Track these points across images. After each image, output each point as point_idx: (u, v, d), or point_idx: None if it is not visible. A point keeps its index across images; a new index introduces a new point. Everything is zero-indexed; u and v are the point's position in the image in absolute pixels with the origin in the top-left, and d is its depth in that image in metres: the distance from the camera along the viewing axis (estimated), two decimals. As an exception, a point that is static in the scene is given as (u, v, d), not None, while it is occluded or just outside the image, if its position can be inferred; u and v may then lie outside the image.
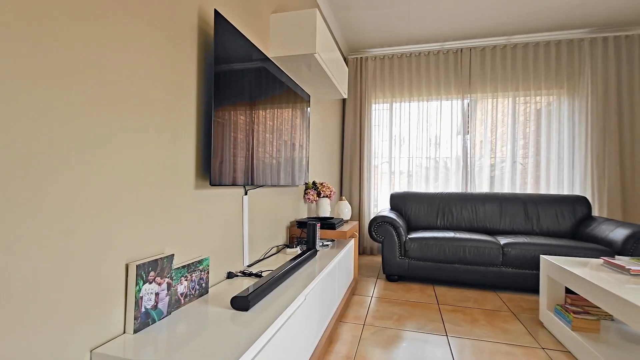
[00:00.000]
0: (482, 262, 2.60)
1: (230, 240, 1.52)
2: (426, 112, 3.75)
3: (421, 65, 3.75)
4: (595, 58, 3.31)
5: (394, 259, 2.78)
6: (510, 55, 3.52)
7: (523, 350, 1.69)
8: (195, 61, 1.25)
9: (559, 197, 3.07)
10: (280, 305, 1.15)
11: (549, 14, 3.03)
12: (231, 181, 1.38)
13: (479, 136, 3.63)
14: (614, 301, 1.37)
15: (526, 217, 3.05)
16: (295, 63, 2.01)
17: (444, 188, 3.71)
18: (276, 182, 1.84)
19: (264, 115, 1.73)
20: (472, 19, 3.13)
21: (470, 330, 1.92)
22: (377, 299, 2.41)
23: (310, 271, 1.60)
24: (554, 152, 3.42)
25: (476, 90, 3.61)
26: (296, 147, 2.21)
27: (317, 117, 2.91)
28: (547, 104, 3.47)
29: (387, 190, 3.87)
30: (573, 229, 2.94)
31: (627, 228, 2.39)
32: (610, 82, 3.25)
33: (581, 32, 3.34)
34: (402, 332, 1.87)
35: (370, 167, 3.86)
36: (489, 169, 3.59)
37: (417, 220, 3.30)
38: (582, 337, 1.63)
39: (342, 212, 2.61)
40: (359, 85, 3.90)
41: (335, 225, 2.20)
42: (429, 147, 3.74)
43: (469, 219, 3.18)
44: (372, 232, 2.86)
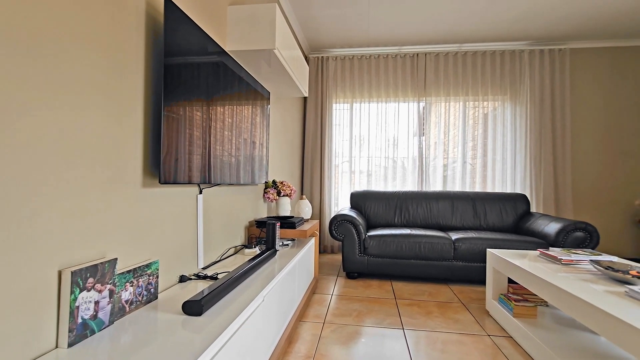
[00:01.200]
0: (435, 257, 2.73)
1: (183, 242, 1.43)
2: (385, 113, 3.87)
3: (380, 68, 3.85)
4: (533, 68, 3.63)
5: (354, 256, 2.83)
6: (462, 62, 3.74)
7: (472, 338, 1.80)
8: (142, 50, 1.16)
9: (503, 195, 3.33)
10: (236, 308, 1.11)
11: (494, 25, 3.26)
12: (185, 179, 1.31)
13: (433, 138, 3.82)
14: (548, 288, 1.51)
15: (475, 214, 3.27)
16: (254, 58, 1.96)
17: (401, 187, 3.85)
18: (235, 181, 1.78)
19: (223, 112, 1.66)
20: (427, 25, 3.28)
21: (425, 322, 2.00)
22: (337, 296, 2.43)
23: (270, 271, 1.57)
24: (499, 154, 3.70)
25: (431, 94, 3.79)
26: (256, 145, 2.16)
27: (277, 115, 2.87)
28: (493, 109, 3.75)
29: (348, 189, 3.93)
30: (515, 224, 3.21)
31: (558, 222, 2.65)
32: (546, 91, 3.59)
33: (521, 44, 3.65)
34: (362, 328, 1.91)
35: (331, 166, 3.89)
36: (442, 169, 3.79)
37: (376, 218, 3.39)
38: (522, 322, 1.77)
39: (302, 211, 2.60)
40: (320, 84, 3.91)
41: (296, 224, 2.18)
42: (387, 147, 3.86)
43: (424, 216, 3.33)
44: (332, 231, 2.88)
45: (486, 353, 1.65)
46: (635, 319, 1.08)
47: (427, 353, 1.64)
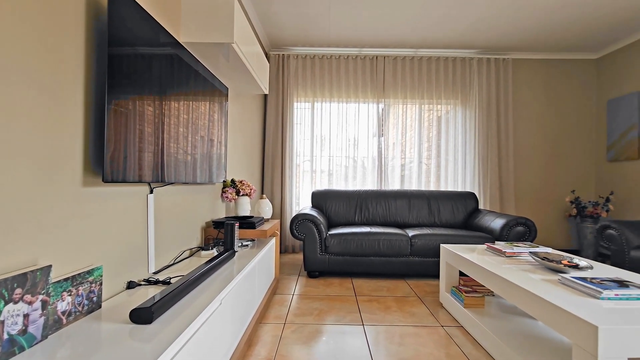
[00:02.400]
0: (394, 254, 2.82)
1: (132, 245, 1.33)
2: (345, 113, 3.92)
3: (341, 68, 3.90)
4: (481, 75, 3.90)
5: (315, 255, 2.83)
6: (417, 66, 3.92)
7: (427, 330, 1.88)
8: (82, 37, 1.05)
9: (454, 194, 3.53)
10: (191, 314, 1.05)
11: (447, 34, 3.45)
12: (135, 178, 1.21)
13: (392, 138, 3.95)
14: (494, 279, 1.62)
15: (430, 211, 3.43)
16: (211, 52, 1.88)
17: (361, 186, 3.93)
18: (191, 180, 1.70)
19: (177, 108, 1.57)
20: (386, 30, 3.38)
21: (383, 317, 2.06)
22: (298, 296, 2.42)
23: (228, 273, 1.51)
24: (451, 154, 3.93)
25: (389, 96, 3.91)
26: (214, 143, 2.07)
27: (236, 112, 2.78)
28: (445, 112, 3.96)
29: (309, 188, 3.93)
30: (465, 220, 3.42)
31: (503, 218, 2.88)
32: (492, 97, 3.88)
33: (471, 52, 3.91)
34: (323, 327, 1.91)
35: (292, 165, 3.87)
36: (400, 169, 3.93)
37: (337, 216, 3.43)
38: (471, 312, 1.89)
39: (262, 211, 2.55)
40: (281, 82, 3.87)
41: (256, 224, 2.13)
42: (348, 147, 3.92)
43: (383, 214, 3.44)
44: (293, 230, 2.86)
45: (440, 343, 1.73)
46: (566, 303, 1.19)
47: (386, 347, 1.68)
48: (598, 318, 1.07)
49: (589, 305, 1.17)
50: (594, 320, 1.05)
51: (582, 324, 1.07)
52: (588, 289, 1.29)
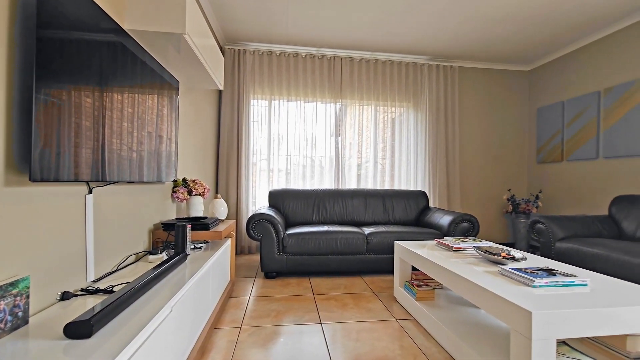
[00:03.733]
0: (350, 252, 2.88)
1: (67, 252, 1.20)
2: (303, 112, 3.92)
3: (299, 67, 3.89)
4: (431, 80, 4.13)
5: (273, 255, 2.79)
6: (373, 69, 4.03)
7: (382, 324, 1.95)
8: (5, 17, 0.92)
9: (407, 192, 3.70)
10: (138, 323, 0.97)
11: (400, 39, 3.60)
12: (70, 176, 1.09)
13: (348, 138, 4.02)
14: (442, 272, 1.73)
15: (384, 210, 3.56)
16: (160, 42, 1.76)
17: (319, 185, 3.96)
18: (137, 179, 1.57)
19: (121, 101, 1.44)
20: (343, 31, 3.43)
21: (341, 314, 2.09)
22: (255, 298, 2.36)
23: (179, 278, 1.42)
24: (404, 155, 4.11)
25: (346, 97, 3.99)
26: (163, 140, 1.94)
27: (189, 107, 2.64)
28: (399, 114, 4.14)
29: (266, 187, 3.87)
30: (417, 217, 3.60)
31: (450, 215, 3.08)
32: (440, 101, 4.12)
33: (422, 58, 4.12)
34: (281, 328, 1.89)
35: (248, 164, 3.77)
36: (356, 168, 4.03)
37: (295, 216, 3.42)
38: (423, 305, 1.99)
39: (217, 211, 2.45)
40: (236, 78, 3.75)
41: (209, 225, 2.03)
42: (306, 146, 3.92)
43: (340, 213, 3.49)
44: (250, 231, 2.79)
45: (394, 336, 1.80)
46: (504, 292, 1.31)
47: (343, 343, 1.71)
48: (531, 304, 1.18)
49: (523, 293, 1.29)
50: (528, 306, 1.15)
51: (518, 310, 1.17)
52: (523, 278, 1.42)
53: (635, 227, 2.63)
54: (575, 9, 2.97)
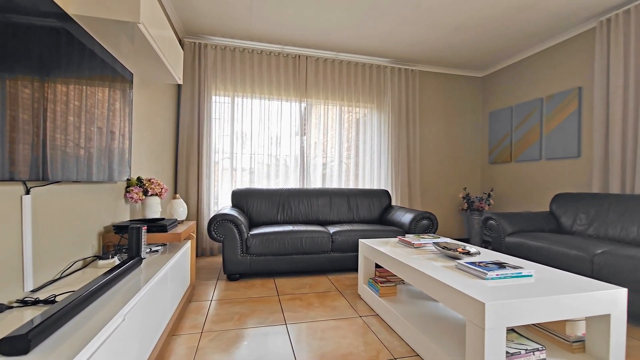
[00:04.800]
0: (316, 251, 2.89)
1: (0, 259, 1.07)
2: (268, 111, 3.86)
3: (263, 64, 3.82)
4: (393, 83, 4.26)
5: (236, 257, 2.72)
6: (338, 69, 4.07)
7: (347, 322, 1.97)
8: None
9: (371, 191, 3.79)
10: (85, 335, 0.89)
11: (364, 41, 3.67)
12: (5, 175, 0.97)
13: (314, 138, 4.03)
14: (403, 268, 1.78)
15: (349, 208, 3.61)
16: (112, 31, 1.63)
17: (284, 184, 3.92)
18: (84, 178, 1.44)
19: (66, 93, 1.32)
20: (308, 30, 3.43)
21: (306, 314, 2.08)
22: (217, 301, 2.28)
23: (133, 284, 1.33)
24: (368, 155, 4.20)
25: (311, 96, 3.99)
26: (115, 136, 1.81)
27: (144, 102, 2.48)
28: (363, 115, 4.22)
29: (229, 186, 3.75)
30: (380, 215, 3.69)
31: (411, 213, 3.19)
32: (402, 103, 4.27)
33: (385, 60, 4.24)
34: (244, 331, 1.84)
35: (210, 163, 3.64)
36: (321, 167, 4.04)
37: (259, 216, 3.35)
38: (386, 301, 2.05)
39: (176, 212, 2.33)
40: (197, 72, 3.59)
41: (167, 227, 1.93)
42: (270, 145, 3.86)
43: (305, 212, 3.48)
44: (212, 232, 2.69)
45: (358, 333, 1.83)
46: (460, 285, 1.38)
47: (308, 343, 1.70)
48: (484, 296, 1.25)
49: (477, 286, 1.37)
50: (481, 298, 1.23)
51: (472, 302, 1.24)
52: (477, 271, 1.51)
53: (572, 221, 2.90)
54: (522, 21, 3.21)
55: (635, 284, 1.91)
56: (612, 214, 2.62)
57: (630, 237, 2.45)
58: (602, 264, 2.10)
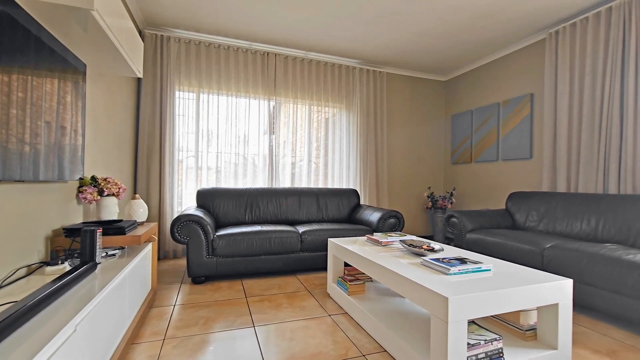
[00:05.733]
0: (285, 251, 2.86)
1: None
2: (235, 108, 3.76)
3: (230, 60, 3.72)
4: (362, 84, 4.33)
5: (201, 259, 2.62)
6: (307, 68, 4.06)
7: (316, 321, 1.97)
8: None
9: (340, 190, 3.82)
10: (29, 349, 0.81)
11: (333, 41, 3.69)
12: None
13: (282, 137, 3.99)
14: (371, 266, 1.81)
15: (318, 208, 3.62)
16: (61, 17, 1.50)
17: (252, 184, 3.84)
18: (30, 177, 1.31)
19: (8, 83, 1.19)
20: (277, 27, 3.38)
21: (275, 315, 2.05)
22: (181, 306, 2.18)
23: (86, 291, 1.23)
24: (337, 154, 4.23)
25: (280, 94, 3.94)
26: (66, 132, 1.67)
27: (100, 95, 2.32)
28: (332, 115, 4.25)
29: (194, 186, 3.61)
30: (349, 214, 3.74)
31: (379, 212, 3.26)
32: (370, 104, 4.35)
33: (354, 61, 4.29)
34: (210, 335, 1.77)
35: (173, 161, 3.48)
36: (290, 167, 4.01)
37: (226, 216, 3.26)
38: (354, 299, 2.07)
39: (135, 213, 2.20)
40: (159, 66, 3.42)
41: (126, 229, 1.81)
42: (238, 144, 3.76)
43: (274, 212, 3.44)
44: (175, 233, 2.57)
45: (327, 332, 1.83)
46: (425, 281, 1.42)
47: (277, 344, 1.68)
48: (447, 290, 1.30)
49: (441, 281, 1.42)
50: (444, 293, 1.27)
51: (437, 297, 1.29)
52: (441, 267, 1.56)
53: (525, 218, 3.12)
54: (481, 30, 3.39)
55: (579, 274, 2.08)
56: (559, 211, 2.85)
57: (575, 232, 2.68)
58: (550, 257, 2.27)
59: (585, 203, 2.69)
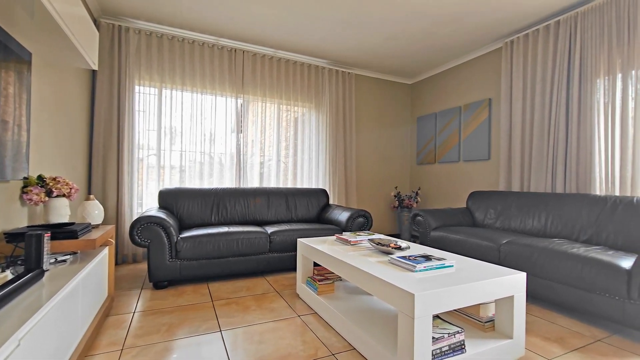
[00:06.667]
0: (253, 252, 2.80)
1: None
2: (201, 105, 3.62)
3: (195, 55, 3.58)
4: (332, 84, 4.35)
5: (164, 262, 2.49)
6: (276, 66, 4.02)
7: (285, 323, 1.94)
8: None
9: (309, 190, 3.81)
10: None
11: (303, 40, 3.68)
12: None
13: (251, 135, 3.91)
14: (340, 265, 1.83)
15: (287, 208, 3.59)
16: (3, 1, 1.36)
17: (218, 184, 3.73)
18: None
19: None
20: (244, 23, 3.30)
21: (243, 318, 2.00)
22: (141, 313, 2.06)
23: (31, 302, 1.12)
24: (307, 154, 4.22)
25: (248, 92, 3.86)
26: (8, 126, 1.52)
27: (49, 88, 2.13)
28: (302, 114, 4.23)
29: (156, 186, 3.44)
30: (318, 214, 3.74)
31: (348, 211, 3.30)
32: (339, 104, 4.39)
33: (324, 62, 4.31)
34: (174, 342, 1.69)
35: (132, 160, 3.28)
36: (259, 166, 3.94)
37: (191, 217, 3.13)
38: (324, 298, 2.07)
39: (89, 215, 2.04)
40: (117, 59, 3.20)
41: (78, 232, 1.68)
42: (203, 142, 3.63)
43: (242, 212, 3.36)
44: (135, 236, 2.42)
45: (297, 332, 1.82)
46: (392, 278, 1.45)
47: (245, 348, 1.64)
48: (414, 287, 1.34)
49: (407, 278, 1.46)
50: (411, 290, 1.31)
51: (403, 294, 1.32)
52: (407, 265, 1.61)
53: (484, 216, 3.30)
54: (444, 36, 3.54)
55: (531, 268, 2.24)
56: (514, 209, 3.05)
57: (527, 228, 2.88)
58: (506, 252, 2.43)
59: (536, 201, 2.90)
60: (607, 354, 1.64)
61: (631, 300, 1.75)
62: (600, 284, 1.87)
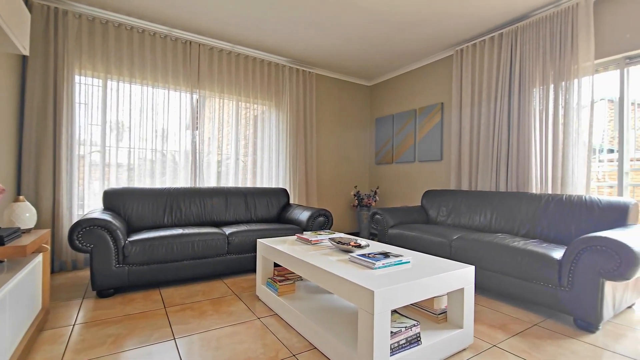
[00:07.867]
0: (210, 254, 2.68)
1: None
2: (152, 100, 3.39)
3: (146, 45, 3.34)
4: (292, 82, 4.32)
5: (109, 268, 2.29)
6: (235, 62, 3.89)
7: (244, 326, 1.89)
8: None
9: (269, 190, 3.75)
10: None
11: (263, 38, 3.60)
12: None
13: (207, 133, 3.74)
14: (301, 265, 1.82)
15: (246, 208, 3.49)
16: None
17: (172, 183, 3.52)
18: None
19: None
20: (199, 14, 3.15)
21: (199, 324, 1.91)
22: (83, 325, 1.88)
23: (-59, 321, 0.96)
24: (267, 152, 4.15)
25: (205, 87, 3.69)
26: None
27: (-34, 73, 1.85)
28: (261, 112, 4.14)
29: (100, 186, 3.15)
30: (279, 214, 3.69)
31: (308, 211, 3.30)
32: (300, 103, 4.37)
33: (284, 60, 4.26)
34: (121, 355, 1.56)
35: (72, 157, 2.97)
36: (216, 165, 3.79)
37: (141, 219, 2.92)
38: (285, 299, 2.04)
39: (19, 219, 1.81)
40: (52, 44, 2.88)
41: (5, 238, 1.48)
42: (155, 139, 3.40)
43: (198, 213, 3.21)
44: (75, 241, 2.20)
45: (256, 335, 1.77)
46: (352, 276, 1.47)
47: (201, 355, 1.56)
48: (373, 284, 1.37)
49: (367, 276, 1.49)
50: (370, 286, 1.33)
51: (363, 291, 1.34)
52: (367, 262, 1.64)
53: (437, 213, 3.49)
54: (400, 42, 3.68)
55: (479, 261, 2.41)
56: (463, 207, 3.26)
57: (475, 224, 3.09)
58: (457, 247, 2.58)
59: (482, 199, 3.13)
60: (542, 337, 1.82)
61: (562, 287, 1.95)
62: (536, 274, 2.06)
